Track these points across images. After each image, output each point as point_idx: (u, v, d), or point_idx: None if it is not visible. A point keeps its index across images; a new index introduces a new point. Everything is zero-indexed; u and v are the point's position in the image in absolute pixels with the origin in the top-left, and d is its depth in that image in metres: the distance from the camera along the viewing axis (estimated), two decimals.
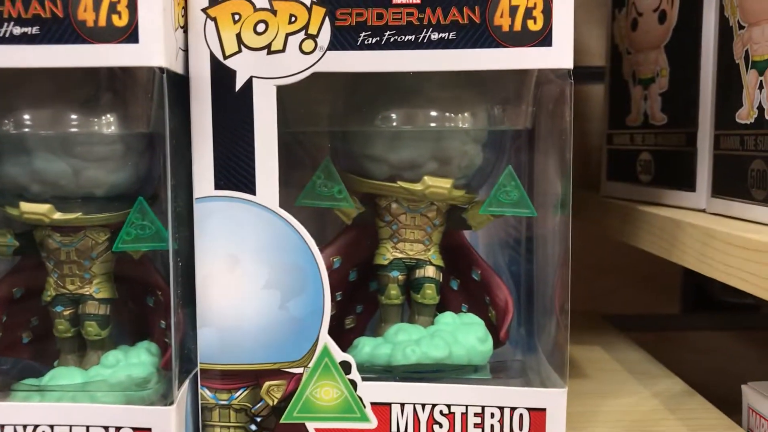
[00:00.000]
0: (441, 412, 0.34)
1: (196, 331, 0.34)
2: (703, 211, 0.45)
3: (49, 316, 0.37)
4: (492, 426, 0.34)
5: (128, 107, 0.32)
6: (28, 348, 0.39)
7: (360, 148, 0.36)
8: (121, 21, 0.29)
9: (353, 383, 0.34)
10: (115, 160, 0.34)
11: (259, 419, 0.34)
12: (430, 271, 0.37)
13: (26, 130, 0.32)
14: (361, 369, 0.34)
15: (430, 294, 0.37)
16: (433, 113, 0.35)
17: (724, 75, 0.42)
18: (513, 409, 0.33)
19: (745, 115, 0.39)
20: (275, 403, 0.34)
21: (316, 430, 0.34)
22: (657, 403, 0.44)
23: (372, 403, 0.34)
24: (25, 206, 0.34)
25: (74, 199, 0.35)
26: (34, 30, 0.29)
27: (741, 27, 0.40)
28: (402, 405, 0.34)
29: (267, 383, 0.34)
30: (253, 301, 0.33)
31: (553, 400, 0.34)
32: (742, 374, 0.45)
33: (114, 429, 0.33)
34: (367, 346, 0.35)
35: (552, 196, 0.37)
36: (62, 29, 0.29)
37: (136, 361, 0.36)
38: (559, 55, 0.31)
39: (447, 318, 0.37)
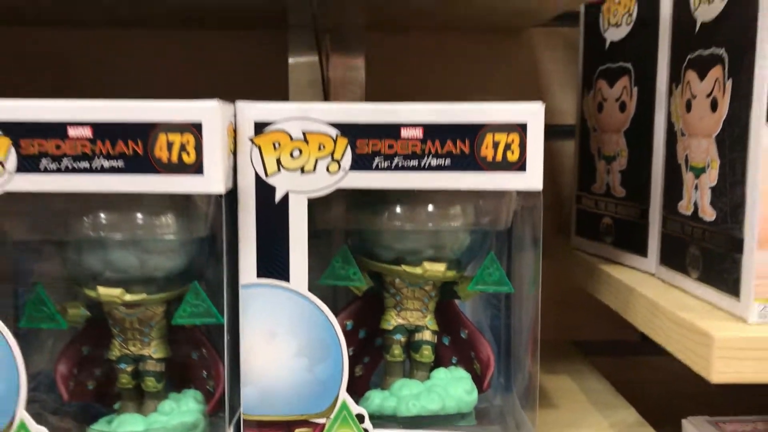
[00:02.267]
0: None
1: (234, 385, 0.43)
2: (653, 275, 0.54)
3: (111, 368, 0.46)
4: None
5: (189, 219, 0.40)
6: (92, 393, 0.47)
7: (371, 239, 0.44)
8: (189, 158, 0.37)
9: (366, 431, 0.42)
10: (174, 252, 0.42)
11: None
12: (427, 335, 0.46)
13: (102, 233, 0.40)
14: (372, 418, 0.43)
15: (426, 354, 0.46)
16: (431, 215, 0.43)
17: (670, 169, 0.51)
18: None
19: (685, 207, 0.48)
20: None
21: None
22: None
23: None
24: (102, 290, 0.42)
25: (139, 282, 0.43)
26: (120, 164, 0.37)
27: (683, 134, 0.48)
28: None
29: (296, 430, 0.42)
30: (286, 366, 0.42)
31: None
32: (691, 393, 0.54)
33: None
34: (377, 399, 0.44)
35: (526, 276, 0.45)
36: (142, 164, 0.37)
37: (186, 408, 0.45)
38: (532, 179, 0.40)
39: (440, 373, 0.46)
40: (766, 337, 0.39)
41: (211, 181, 0.38)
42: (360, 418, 0.42)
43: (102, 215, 0.40)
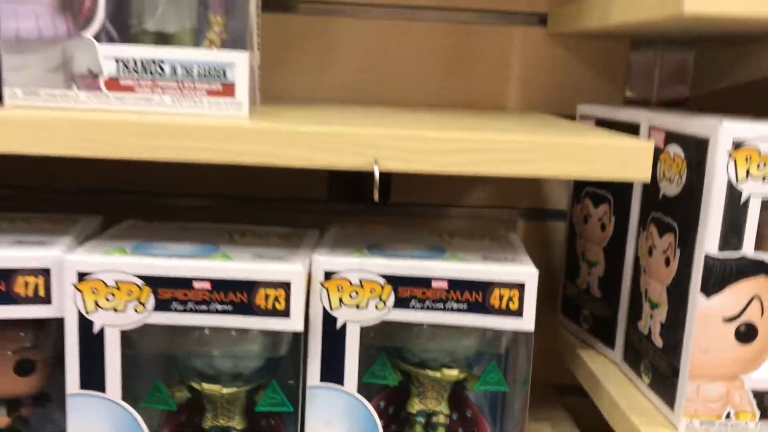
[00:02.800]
0: None
1: None
2: (618, 365, 0.68)
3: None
4: None
5: (273, 345, 0.55)
6: None
7: (403, 348, 0.59)
8: (280, 306, 0.51)
9: None
10: (258, 359, 0.57)
11: None
12: (441, 419, 0.61)
13: (213, 352, 0.55)
14: None
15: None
16: (450, 337, 0.58)
17: (634, 292, 0.65)
18: None
19: (642, 326, 0.63)
20: None
21: None
22: None
23: None
24: (206, 386, 0.56)
25: (231, 376, 0.57)
26: (229, 308, 0.51)
27: (645, 271, 0.63)
28: None
29: None
30: None
31: None
32: None
33: None
34: None
35: (519, 378, 0.60)
36: (246, 309, 0.51)
37: None
38: (526, 323, 0.54)
39: None
40: None
41: (295, 323, 0.52)
42: None
43: (208, 335, 0.54)
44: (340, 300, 0.55)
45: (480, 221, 0.87)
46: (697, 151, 0.55)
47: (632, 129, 0.66)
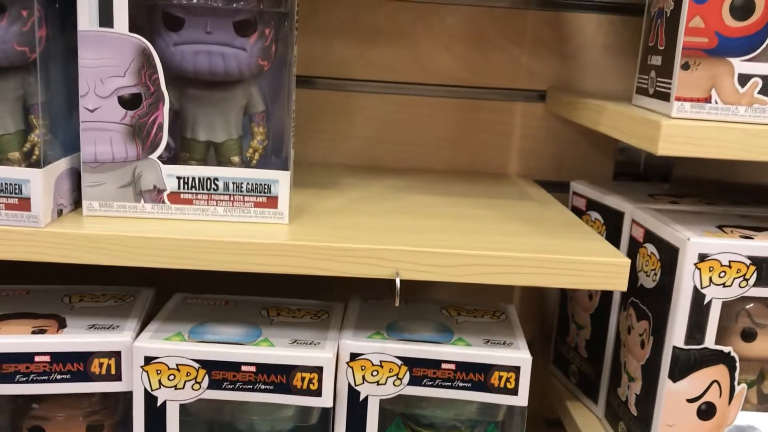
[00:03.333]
0: None
1: None
2: (600, 421, 0.78)
3: None
4: None
5: (305, 415, 0.64)
6: None
7: (418, 415, 0.68)
8: (314, 387, 0.61)
9: None
10: (292, 424, 0.66)
11: None
12: None
13: (253, 418, 0.64)
14: None
15: None
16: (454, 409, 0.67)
17: (615, 361, 0.75)
18: None
19: (621, 393, 0.72)
20: None
21: None
22: None
23: None
24: None
25: None
26: (271, 387, 0.61)
27: (624, 345, 0.72)
28: None
29: None
30: None
31: None
32: None
33: None
34: None
35: None
36: (285, 388, 0.61)
37: None
38: (520, 399, 0.64)
39: None
40: None
41: (326, 401, 0.62)
42: None
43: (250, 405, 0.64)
44: (363, 377, 0.64)
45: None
46: (669, 256, 0.64)
47: (617, 216, 0.75)
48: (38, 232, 0.56)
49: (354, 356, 0.64)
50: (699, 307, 0.62)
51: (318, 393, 0.62)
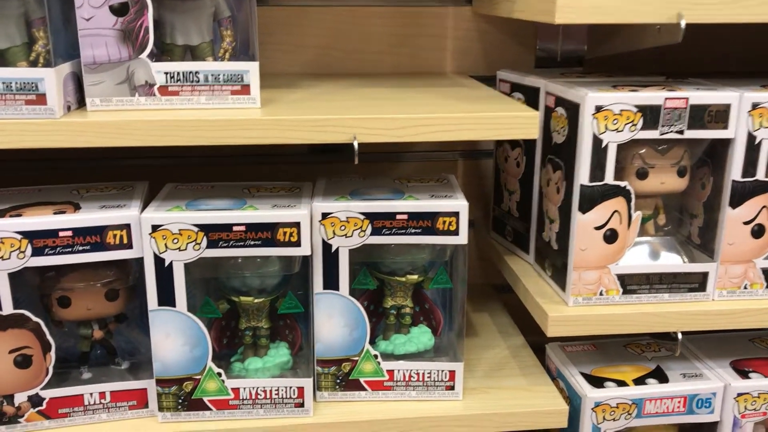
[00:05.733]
0: (412, 372, 0.83)
1: (310, 341, 0.82)
2: (531, 265, 0.94)
3: (239, 332, 0.84)
4: (425, 375, 0.83)
5: (288, 266, 0.78)
6: (227, 346, 0.86)
7: (379, 263, 0.83)
8: (294, 238, 0.74)
9: (378, 361, 0.82)
10: (279, 277, 0.80)
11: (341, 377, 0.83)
12: (407, 309, 0.86)
13: (245, 274, 0.78)
14: (382, 356, 0.83)
15: (407, 320, 0.86)
16: (412, 253, 0.82)
17: (540, 212, 0.90)
18: (439, 371, 0.83)
19: (546, 236, 0.88)
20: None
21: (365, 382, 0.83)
22: (506, 354, 0.95)
23: (387, 369, 0.83)
24: (243, 298, 0.79)
25: (260, 290, 0.80)
26: (259, 242, 0.74)
27: (545, 196, 0.87)
28: (398, 370, 0.83)
29: (343, 364, 0.82)
30: (339, 332, 0.81)
31: (457, 366, 0.83)
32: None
33: (274, 389, 0.80)
34: (382, 345, 0.84)
35: (460, 278, 0.84)
36: (270, 242, 0.74)
37: (282, 352, 0.84)
38: (461, 238, 0.78)
39: (415, 330, 0.86)
40: (577, 315, 0.81)
41: (304, 249, 0.75)
42: (375, 355, 0.82)
43: (241, 262, 0.78)
44: (334, 232, 0.78)
45: (428, 163, 1.11)
46: (573, 112, 0.79)
47: (534, 92, 0.89)
48: (54, 122, 0.68)
49: (324, 215, 0.78)
50: (598, 150, 0.77)
51: (298, 244, 0.76)
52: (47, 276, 0.77)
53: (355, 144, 0.71)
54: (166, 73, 0.72)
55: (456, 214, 0.79)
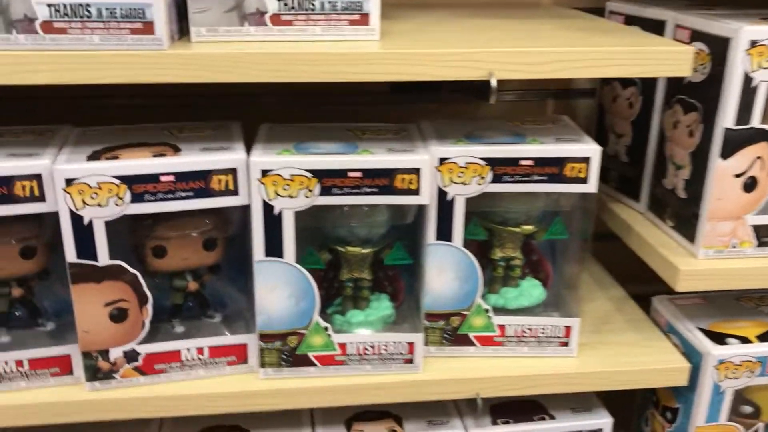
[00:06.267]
0: (524, 327, 0.78)
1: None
2: (642, 213, 0.88)
3: (341, 284, 0.78)
4: (539, 330, 0.78)
5: (401, 216, 0.72)
6: (328, 297, 0.80)
7: (490, 211, 0.76)
8: (413, 186, 0.68)
9: (489, 316, 0.77)
10: (387, 227, 0.74)
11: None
12: (516, 262, 0.80)
13: (351, 223, 0.72)
14: (494, 310, 0.78)
15: (517, 273, 0.80)
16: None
17: (659, 156, 0.83)
18: (554, 326, 0.78)
19: (668, 183, 0.81)
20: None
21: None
22: (609, 307, 0.90)
23: (498, 324, 0.78)
24: (350, 249, 0.74)
25: (366, 241, 0.74)
26: (375, 189, 0.68)
27: (669, 140, 0.80)
28: (509, 326, 0.78)
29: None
30: (449, 287, 0.75)
31: (574, 321, 0.78)
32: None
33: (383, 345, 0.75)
34: (492, 299, 0.79)
35: (576, 229, 0.78)
36: (388, 189, 0.68)
37: (385, 305, 0.78)
38: (422, 198, 0.71)
39: (524, 283, 0.80)
40: (708, 268, 0.75)
41: (423, 197, 0.69)
42: (486, 310, 0.77)
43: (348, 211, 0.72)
44: (450, 179, 0.72)
45: (516, 104, 1.03)
46: (719, 48, 0.71)
47: (658, 26, 0.81)
48: (163, 55, 0.60)
49: (442, 160, 0.71)
50: (747, 91, 0.70)
51: (416, 192, 0.69)
52: (143, 224, 0.71)
53: (493, 81, 0.64)
54: (279, 1, 0.64)
55: (587, 160, 0.72)
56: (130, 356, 0.72)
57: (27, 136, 0.73)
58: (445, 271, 0.76)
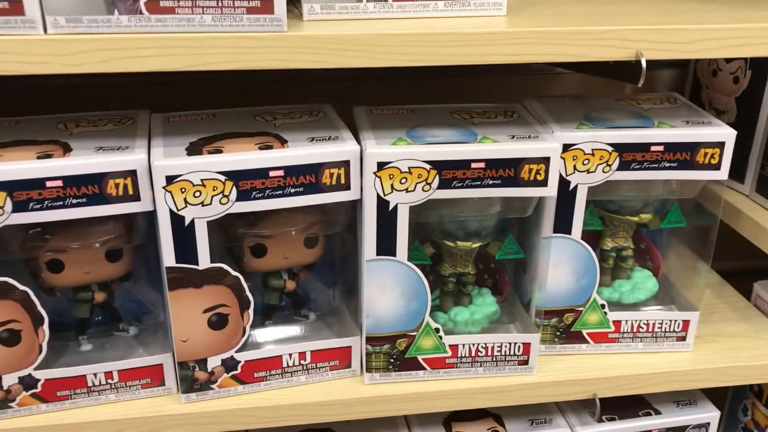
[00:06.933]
0: (641, 322, 0.73)
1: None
2: (748, 197, 0.83)
3: (442, 279, 0.72)
4: (656, 325, 0.74)
5: (519, 209, 0.66)
6: None
7: (606, 202, 0.71)
8: (540, 177, 0.62)
9: (605, 312, 0.72)
10: (493, 220, 0.68)
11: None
12: (629, 252, 0.75)
13: (462, 216, 0.66)
14: (609, 304, 0.73)
15: (629, 264, 0.75)
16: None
17: None
18: (671, 321, 0.73)
19: None
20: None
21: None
22: (710, 294, 0.86)
23: (613, 320, 0.73)
24: (460, 243, 0.68)
25: (475, 234, 0.69)
26: (498, 181, 0.62)
27: None
28: (626, 321, 0.73)
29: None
30: (564, 282, 0.70)
31: (692, 315, 0.73)
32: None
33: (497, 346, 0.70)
34: (606, 292, 0.74)
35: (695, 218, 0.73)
36: (512, 181, 0.62)
37: (490, 301, 0.73)
38: (722, 174, 0.66)
39: (638, 275, 0.75)
40: None
41: (551, 188, 0.63)
42: (602, 306, 0.72)
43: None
44: (575, 167, 0.66)
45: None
46: None
47: None
48: (283, 37, 0.53)
49: (567, 147, 0.65)
50: None
51: (544, 183, 0.64)
52: (242, 222, 0.65)
53: (643, 62, 0.58)
54: None
55: (721, 145, 0.67)
56: (229, 365, 0.67)
57: (106, 124, 0.66)
58: (562, 265, 0.70)
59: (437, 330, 0.68)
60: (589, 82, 0.95)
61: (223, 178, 0.59)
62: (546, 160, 0.63)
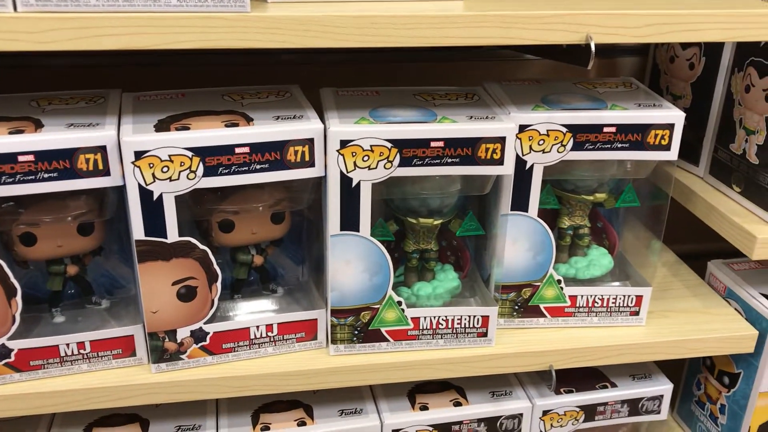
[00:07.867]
0: (596, 297, 0.77)
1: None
2: (701, 178, 0.86)
3: (405, 255, 0.75)
4: (610, 300, 0.77)
5: (478, 186, 0.69)
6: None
7: (563, 181, 0.74)
8: (497, 155, 0.65)
9: (561, 287, 0.75)
10: (454, 197, 0.71)
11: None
12: (585, 230, 0.78)
13: (424, 193, 0.69)
14: (565, 280, 0.76)
15: (586, 242, 0.78)
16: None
17: (724, 121, 0.81)
18: (625, 296, 0.77)
19: (736, 148, 0.80)
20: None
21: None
22: (665, 272, 0.89)
23: (569, 295, 0.76)
24: (422, 220, 0.71)
25: (437, 211, 0.72)
26: (457, 159, 0.65)
27: (740, 104, 0.78)
28: (581, 296, 0.76)
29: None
30: (522, 258, 0.73)
31: (645, 291, 0.77)
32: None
33: (457, 318, 0.73)
34: (562, 269, 0.77)
35: (645, 196, 0.76)
36: (469, 160, 0.65)
37: (451, 276, 0.76)
38: (672, 154, 0.70)
39: (593, 252, 0.78)
40: None
41: (507, 167, 0.66)
42: (558, 281, 0.75)
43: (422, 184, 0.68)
44: (530, 147, 0.69)
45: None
46: None
47: None
48: (245, 18, 0.56)
49: (523, 128, 0.68)
50: None
51: (500, 161, 0.66)
52: (210, 197, 0.67)
53: (592, 45, 0.60)
54: None
55: (671, 126, 0.70)
56: (198, 336, 0.69)
57: (77, 102, 0.68)
58: (519, 241, 0.73)
59: (399, 303, 0.71)
60: (554, 67, 0.98)
61: (190, 153, 0.61)
62: (502, 140, 0.66)
